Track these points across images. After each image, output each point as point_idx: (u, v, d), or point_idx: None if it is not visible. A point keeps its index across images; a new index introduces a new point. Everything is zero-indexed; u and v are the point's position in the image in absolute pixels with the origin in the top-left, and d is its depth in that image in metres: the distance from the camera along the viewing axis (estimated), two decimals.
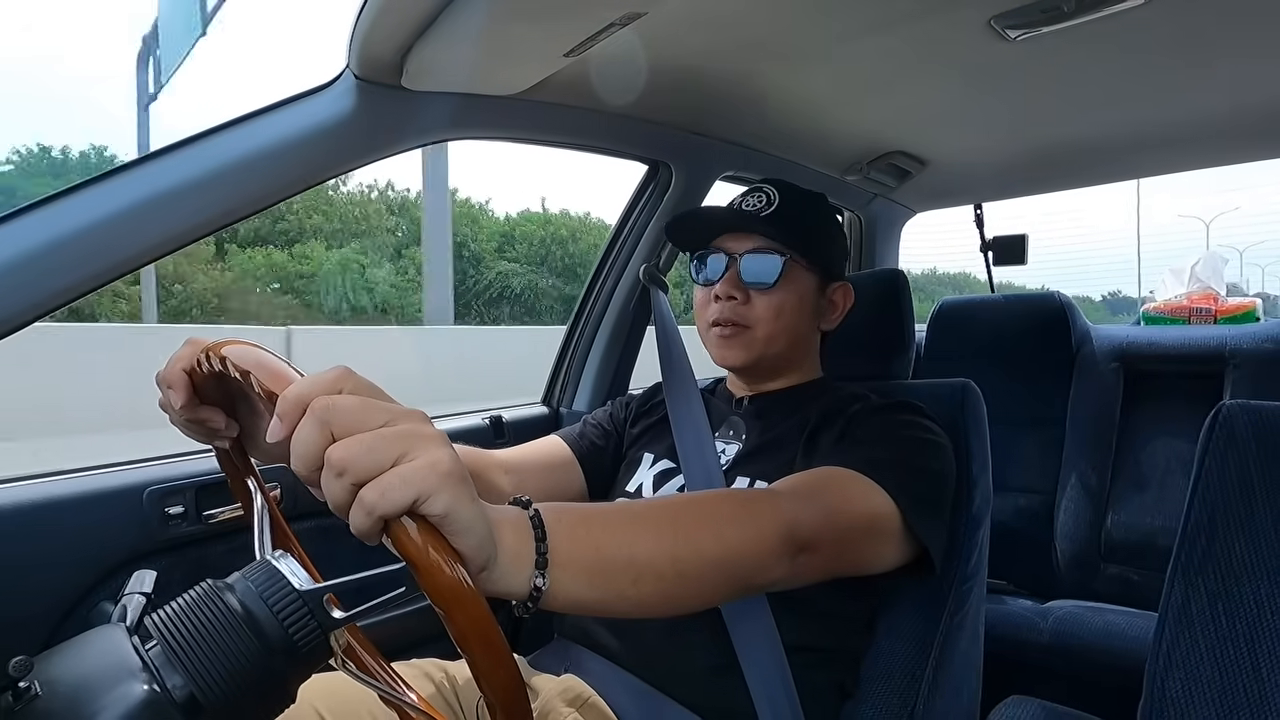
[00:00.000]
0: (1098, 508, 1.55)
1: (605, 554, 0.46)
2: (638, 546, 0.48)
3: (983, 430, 0.88)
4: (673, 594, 0.50)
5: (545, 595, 0.42)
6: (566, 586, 0.43)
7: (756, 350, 0.86)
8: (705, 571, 0.52)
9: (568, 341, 1.40)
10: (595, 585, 0.46)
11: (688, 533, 0.51)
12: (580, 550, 0.45)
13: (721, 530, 0.53)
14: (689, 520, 0.53)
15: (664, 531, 0.50)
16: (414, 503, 0.33)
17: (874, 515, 0.68)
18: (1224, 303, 1.87)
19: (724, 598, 0.61)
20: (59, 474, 0.82)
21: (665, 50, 0.95)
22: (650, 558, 0.49)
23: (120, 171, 0.72)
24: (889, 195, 1.76)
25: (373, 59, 0.80)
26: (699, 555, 0.51)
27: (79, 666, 0.37)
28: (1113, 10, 0.85)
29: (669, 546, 0.50)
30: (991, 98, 1.19)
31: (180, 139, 0.75)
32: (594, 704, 0.74)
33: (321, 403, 0.33)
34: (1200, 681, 0.66)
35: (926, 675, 0.80)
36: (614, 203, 1.35)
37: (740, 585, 0.56)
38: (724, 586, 0.55)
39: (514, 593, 0.41)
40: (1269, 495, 0.68)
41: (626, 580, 0.47)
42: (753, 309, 0.85)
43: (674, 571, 0.49)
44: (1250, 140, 1.39)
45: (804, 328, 0.89)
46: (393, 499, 0.33)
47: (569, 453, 0.93)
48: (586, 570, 0.45)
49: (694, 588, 0.52)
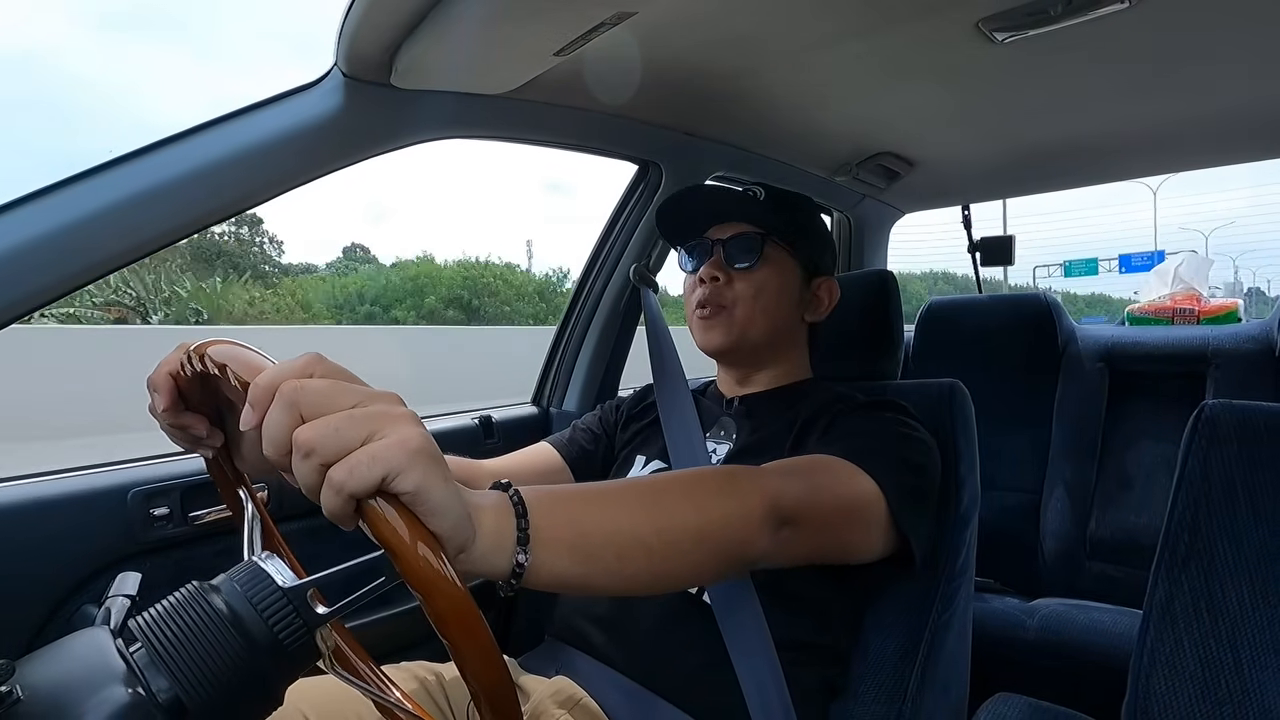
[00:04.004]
0: (1083, 506, 1.56)
1: (587, 528, 0.46)
2: (621, 520, 0.48)
3: (970, 430, 0.89)
4: (657, 569, 0.50)
5: (528, 572, 0.42)
6: (549, 562, 0.43)
7: (736, 331, 0.88)
8: (687, 544, 0.51)
9: (558, 341, 1.39)
10: (578, 560, 0.45)
11: (670, 505, 0.51)
12: (562, 526, 0.44)
13: (704, 502, 0.53)
14: (671, 493, 0.53)
15: (646, 504, 0.50)
16: (383, 480, 0.33)
17: (859, 498, 0.68)
18: (1207, 303, 1.90)
19: (710, 572, 0.60)
20: (42, 475, 0.81)
21: (656, 50, 0.95)
22: (634, 529, 0.48)
23: (104, 169, 0.71)
24: (878, 196, 1.77)
25: (361, 57, 0.80)
26: (682, 527, 0.51)
27: (62, 670, 0.36)
28: (1099, 14, 0.86)
29: (651, 518, 0.49)
30: (979, 100, 1.20)
31: (165, 136, 0.74)
32: (585, 705, 0.74)
33: (289, 385, 0.33)
34: (1184, 677, 0.67)
35: (914, 673, 0.81)
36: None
37: (724, 558, 0.56)
38: (709, 560, 0.54)
39: (496, 572, 0.41)
40: (1250, 494, 0.68)
41: (610, 554, 0.47)
42: (733, 289, 0.88)
43: (659, 542, 0.49)
44: (1236, 142, 1.41)
45: (786, 314, 0.90)
46: (361, 476, 0.32)
47: (559, 459, 0.94)
48: (569, 545, 0.44)
49: (677, 561, 0.51)
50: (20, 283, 0.66)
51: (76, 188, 0.69)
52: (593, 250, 1.37)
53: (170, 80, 43.69)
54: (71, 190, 0.69)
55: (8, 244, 0.65)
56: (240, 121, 0.77)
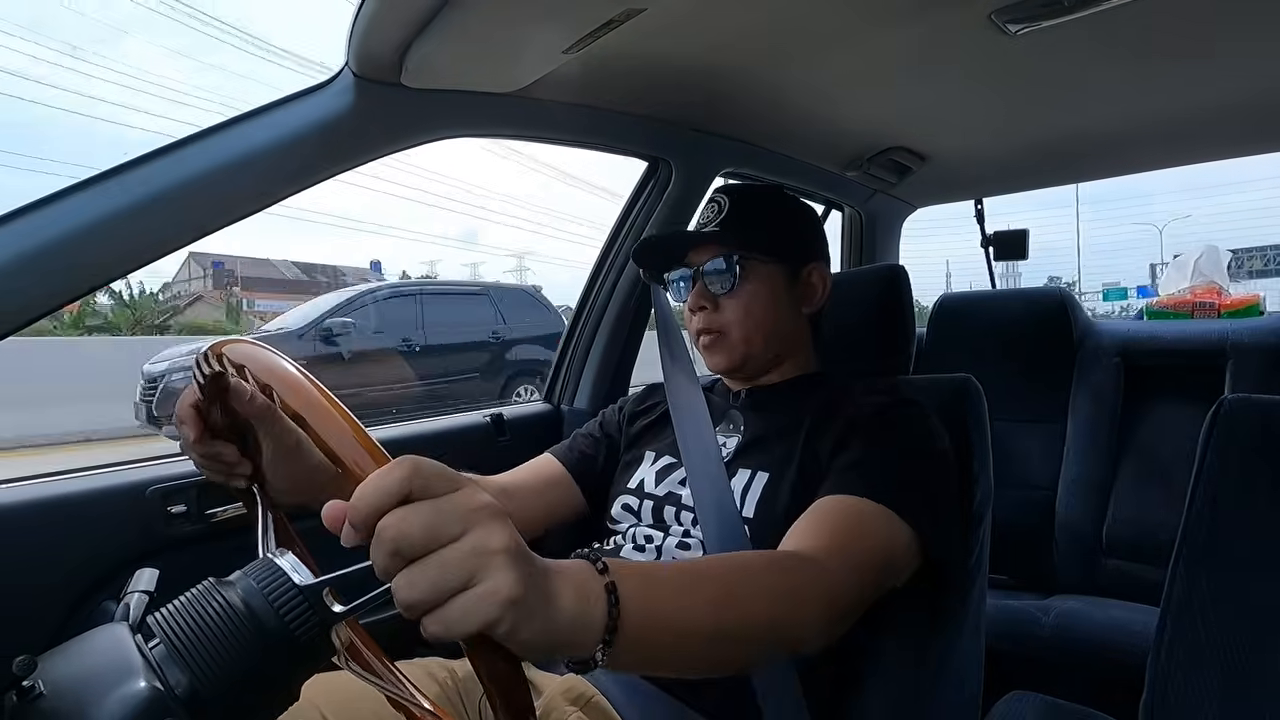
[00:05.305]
0: (1099, 503, 1.54)
1: (662, 645, 0.48)
2: (690, 626, 0.50)
3: (984, 426, 0.88)
4: (712, 665, 0.55)
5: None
6: (614, 665, 0.46)
7: (738, 353, 0.88)
8: (751, 646, 0.55)
9: (568, 339, 1.40)
10: (643, 664, 0.52)
11: (738, 611, 0.53)
12: (640, 650, 0.46)
13: (771, 609, 0.55)
14: (740, 598, 0.54)
15: (718, 605, 0.52)
16: (479, 630, 0.36)
17: (897, 550, 0.69)
18: (1228, 297, 1.87)
19: (760, 665, 0.65)
20: (62, 474, 0.83)
21: (665, 47, 0.94)
22: (701, 638, 0.51)
23: (119, 171, 0.71)
24: (889, 191, 1.76)
25: (371, 56, 0.80)
26: (745, 633, 0.53)
27: (82, 665, 0.37)
28: (1112, 4, 0.85)
29: (720, 620, 0.52)
30: (992, 92, 1.19)
31: (178, 138, 0.75)
32: (597, 703, 0.74)
33: (391, 531, 0.35)
34: (1202, 674, 0.66)
35: (928, 670, 0.80)
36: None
37: (778, 654, 0.61)
38: (763, 656, 0.61)
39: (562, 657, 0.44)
40: (1271, 489, 0.67)
41: (670, 654, 0.50)
42: (723, 314, 0.88)
43: (722, 647, 0.52)
44: (1251, 133, 1.39)
45: (782, 320, 0.90)
46: (458, 630, 0.36)
47: (562, 469, 0.95)
48: (641, 660, 0.49)
49: (732, 661, 0.56)
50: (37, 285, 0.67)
51: (97, 189, 0.70)
52: (603, 248, 1.37)
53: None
54: (92, 191, 0.70)
55: (27, 246, 0.66)
56: (251, 124, 0.78)
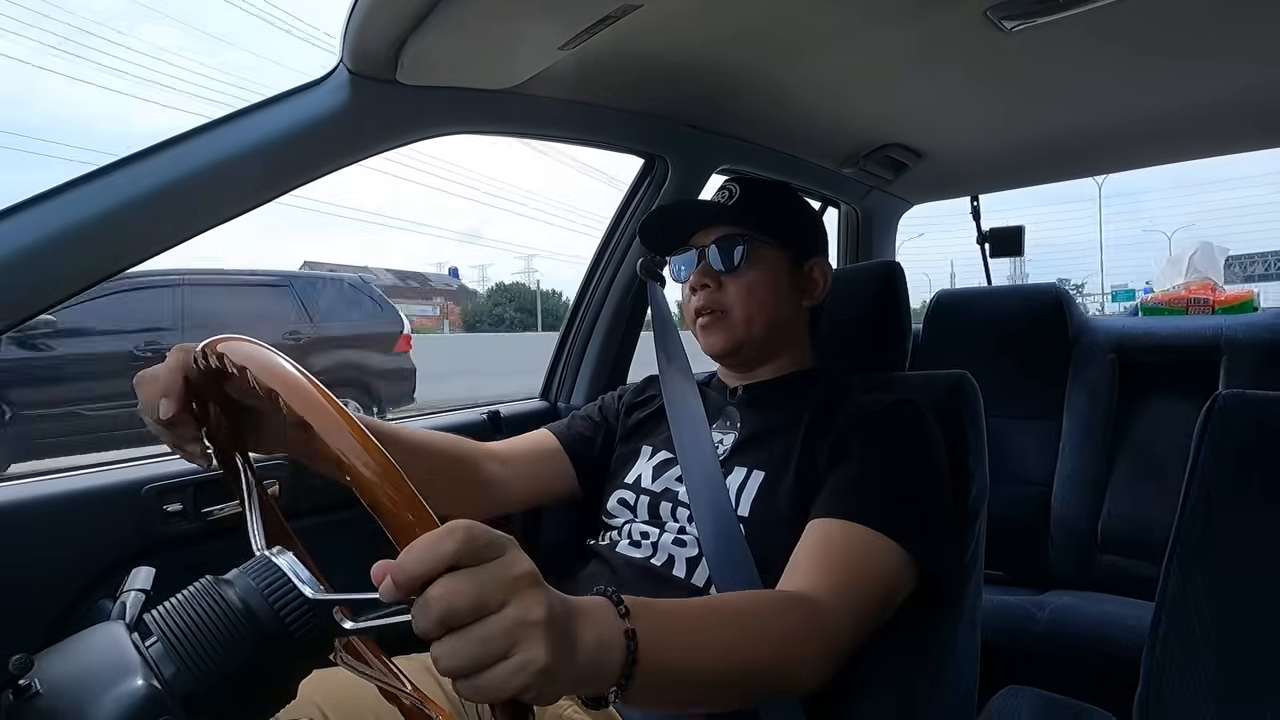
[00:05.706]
0: (1094, 498, 1.55)
1: (670, 688, 0.51)
2: (697, 671, 0.53)
3: (979, 422, 0.89)
4: (711, 704, 0.60)
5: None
6: (626, 703, 0.48)
7: (738, 333, 0.88)
8: (747, 691, 0.59)
9: (565, 336, 1.39)
10: (650, 704, 0.55)
11: (741, 657, 0.56)
12: (650, 692, 0.49)
13: (772, 653, 0.58)
14: (745, 643, 0.57)
15: (724, 656, 0.55)
16: (513, 696, 0.38)
17: (895, 577, 0.70)
18: (1221, 293, 1.87)
19: (758, 703, 0.68)
20: (57, 473, 0.82)
21: (661, 43, 0.94)
22: (705, 682, 0.54)
23: (113, 168, 0.71)
24: (885, 188, 1.76)
25: (366, 53, 0.80)
26: (746, 678, 0.57)
27: (79, 663, 0.37)
28: (1107, 0, 0.85)
29: (724, 669, 0.55)
30: (988, 89, 1.19)
31: (173, 135, 0.74)
32: None
33: (440, 606, 0.36)
34: (1197, 669, 0.66)
35: (925, 666, 0.81)
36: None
37: (773, 697, 0.66)
38: (756, 699, 0.65)
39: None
40: (1265, 484, 0.68)
41: (675, 695, 0.53)
42: (726, 293, 0.89)
43: (724, 687, 0.56)
44: (1247, 130, 1.39)
45: (783, 307, 0.90)
46: (490, 698, 0.38)
47: (558, 445, 0.95)
48: (648, 701, 0.52)
49: (730, 701, 0.59)
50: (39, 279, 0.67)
51: (91, 186, 0.70)
52: (599, 245, 1.36)
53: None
54: (87, 188, 0.69)
55: (29, 240, 0.66)
56: (247, 120, 0.77)
